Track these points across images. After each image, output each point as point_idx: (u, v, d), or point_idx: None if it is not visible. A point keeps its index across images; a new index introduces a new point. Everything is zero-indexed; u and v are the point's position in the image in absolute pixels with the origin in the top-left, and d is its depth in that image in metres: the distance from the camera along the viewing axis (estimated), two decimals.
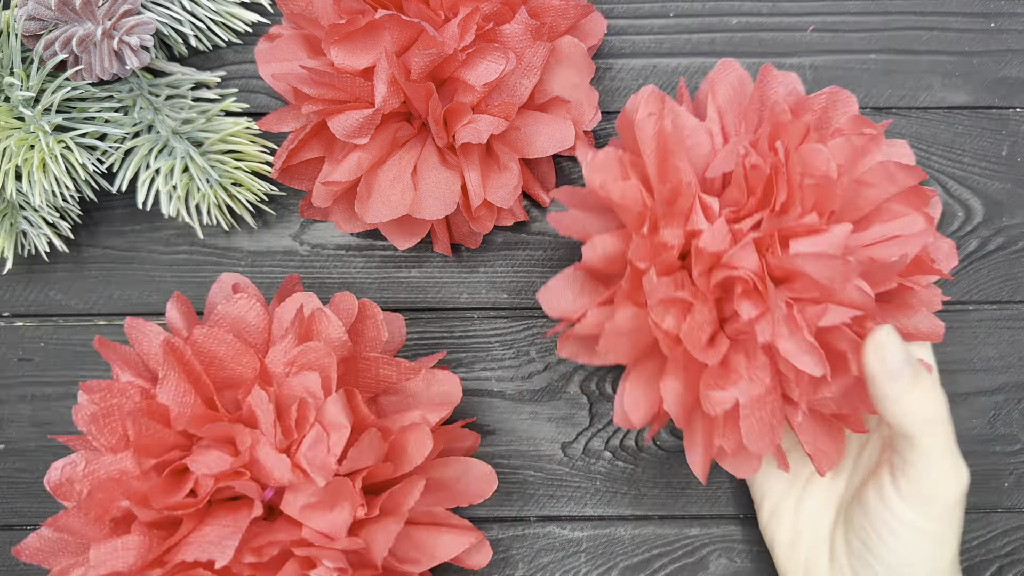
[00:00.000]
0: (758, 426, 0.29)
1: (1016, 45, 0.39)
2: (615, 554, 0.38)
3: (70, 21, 0.33)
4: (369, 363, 0.30)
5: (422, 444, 0.29)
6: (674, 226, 0.28)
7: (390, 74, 0.31)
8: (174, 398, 0.28)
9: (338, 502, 0.27)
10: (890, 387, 0.27)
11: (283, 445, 0.27)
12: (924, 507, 0.28)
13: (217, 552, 0.26)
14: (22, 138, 0.33)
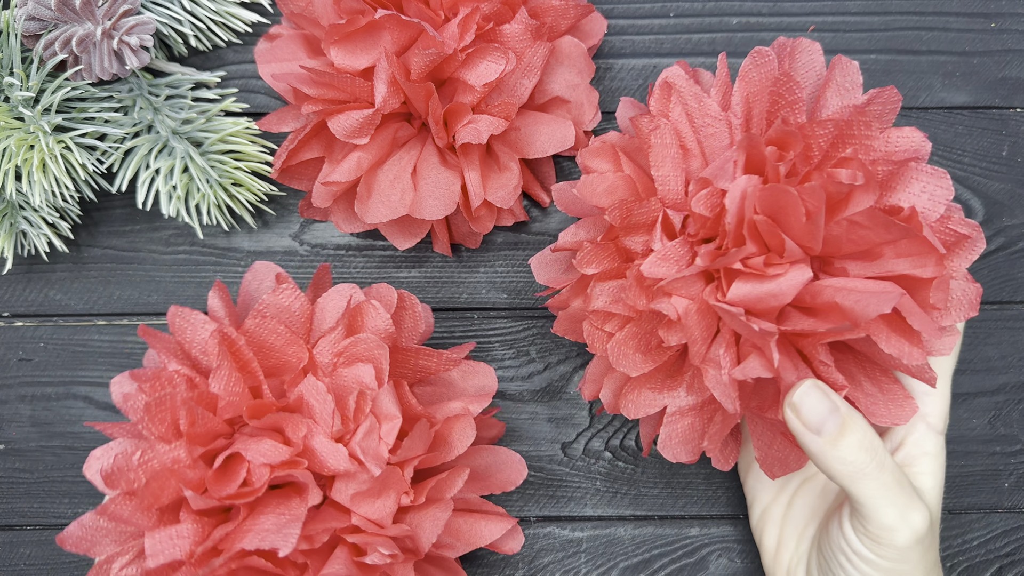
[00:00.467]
0: (682, 433, 0.30)
1: (1016, 45, 0.39)
2: (615, 554, 0.38)
3: (70, 21, 0.33)
4: (408, 354, 0.31)
5: (466, 434, 0.30)
6: (637, 233, 0.28)
7: (390, 74, 0.31)
8: (225, 387, 0.29)
9: (385, 490, 0.28)
10: (813, 444, 0.27)
11: (338, 435, 0.28)
12: (877, 548, 0.28)
13: (280, 541, 0.26)
14: (22, 138, 0.33)
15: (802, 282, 0.26)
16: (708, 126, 0.28)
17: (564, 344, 0.38)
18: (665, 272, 0.27)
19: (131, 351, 0.39)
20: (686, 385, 0.30)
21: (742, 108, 0.29)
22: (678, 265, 0.27)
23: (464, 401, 0.31)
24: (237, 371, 0.29)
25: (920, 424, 0.30)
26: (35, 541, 0.39)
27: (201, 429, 0.28)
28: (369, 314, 0.30)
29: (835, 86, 0.28)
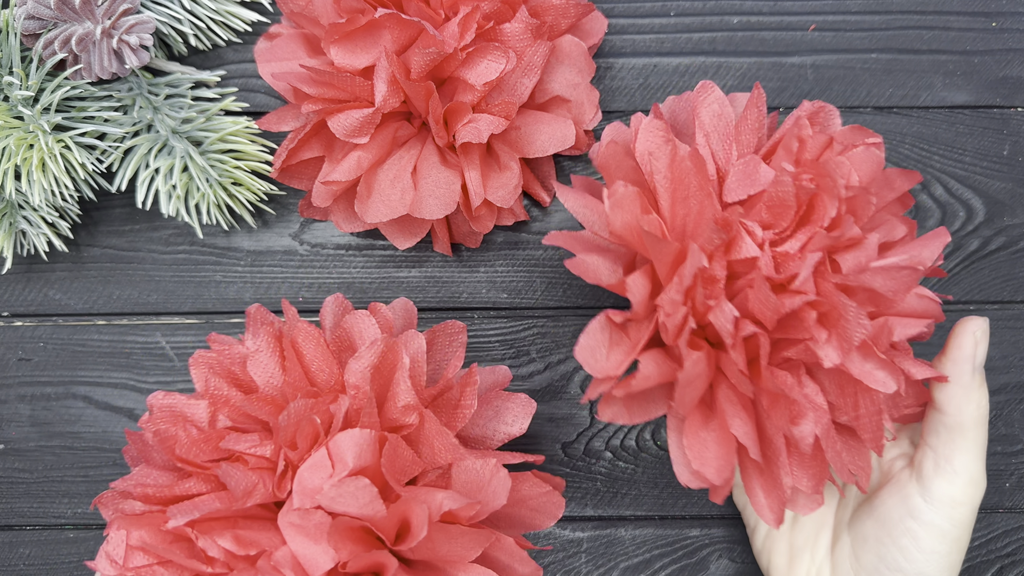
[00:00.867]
0: (835, 457, 0.27)
1: (1018, 45, 0.39)
2: (615, 555, 0.38)
3: (69, 20, 0.33)
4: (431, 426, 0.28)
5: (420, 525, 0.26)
6: (716, 257, 0.27)
7: (390, 73, 0.31)
8: (262, 374, 0.29)
9: (321, 539, 0.26)
10: (969, 375, 0.28)
11: (294, 456, 0.27)
12: (952, 510, 0.28)
13: (177, 512, 0.26)
14: (21, 137, 0.33)
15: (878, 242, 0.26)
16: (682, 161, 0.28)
17: (564, 344, 0.38)
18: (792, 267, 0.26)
19: (131, 351, 0.39)
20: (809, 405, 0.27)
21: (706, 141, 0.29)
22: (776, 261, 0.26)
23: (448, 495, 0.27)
24: (277, 364, 0.29)
25: None
26: (35, 541, 0.38)
27: (223, 398, 0.28)
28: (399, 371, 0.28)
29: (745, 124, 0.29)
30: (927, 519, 0.29)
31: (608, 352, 0.27)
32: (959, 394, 0.28)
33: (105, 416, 0.39)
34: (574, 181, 0.32)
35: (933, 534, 0.29)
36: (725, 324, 0.26)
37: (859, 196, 0.26)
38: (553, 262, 0.39)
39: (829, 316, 0.26)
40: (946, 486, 0.29)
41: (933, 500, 0.29)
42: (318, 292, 0.39)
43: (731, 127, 0.29)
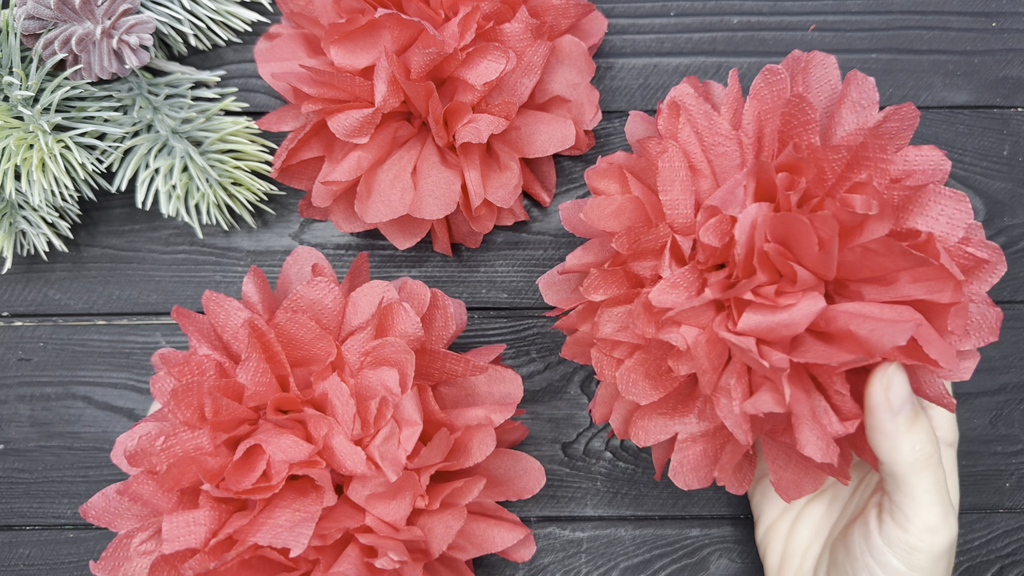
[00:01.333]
0: (693, 460, 0.29)
1: (1017, 45, 0.39)
2: (615, 555, 0.38)
3: (69, 20, 0.33)
4: (436, 356, 0.31)
5: (485, 444, 0.30)
6: (646, 259, 0.28)
7: (390, 73, 0.31)
8: (253, 378, 0.29)
9: (400, 493, 0.28)
10: (889, 422, 0.27)
11: (357, 437, 0.28)
12: (909, 556, 0.27)
13: (292, 540, 0.27)
14: (21, 137, 0.33)
15: (814, 312, 0.25)
16: (718, 145, 0.28)
17: None
18: (674, 301, 0.27)
19: (131, 351, 0.39)
20: (697, 412, 0.29)
21: (753, 127, 0.28)
22: (687, 293, 0.27)
23: (487, 409, 0.31)
24: (265, 362, 0.29)
25: None
26: (35, 541, 0.38)
27: (226, 417, 0.28)
28: (399, 316, 0.30)
29: (850, 103, 0.28)
30: (884, 560, 0.28)
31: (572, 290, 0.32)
32: (885, 443, 0.27)
33: (105, 416, 0.38)
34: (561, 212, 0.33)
35: (891, 574, 0.28)
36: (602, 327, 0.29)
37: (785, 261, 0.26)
38: (553, 262, 0.39)
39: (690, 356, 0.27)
40: (900, 532, 0.28)
41: (890, 543, 0.28)
42: None
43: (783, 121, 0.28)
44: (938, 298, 0.25)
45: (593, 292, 0.29)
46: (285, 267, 0.32)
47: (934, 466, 0.27)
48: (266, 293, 0.32)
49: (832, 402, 0.27)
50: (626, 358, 0.29)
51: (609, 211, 0.28)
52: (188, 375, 0.29)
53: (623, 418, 0.30)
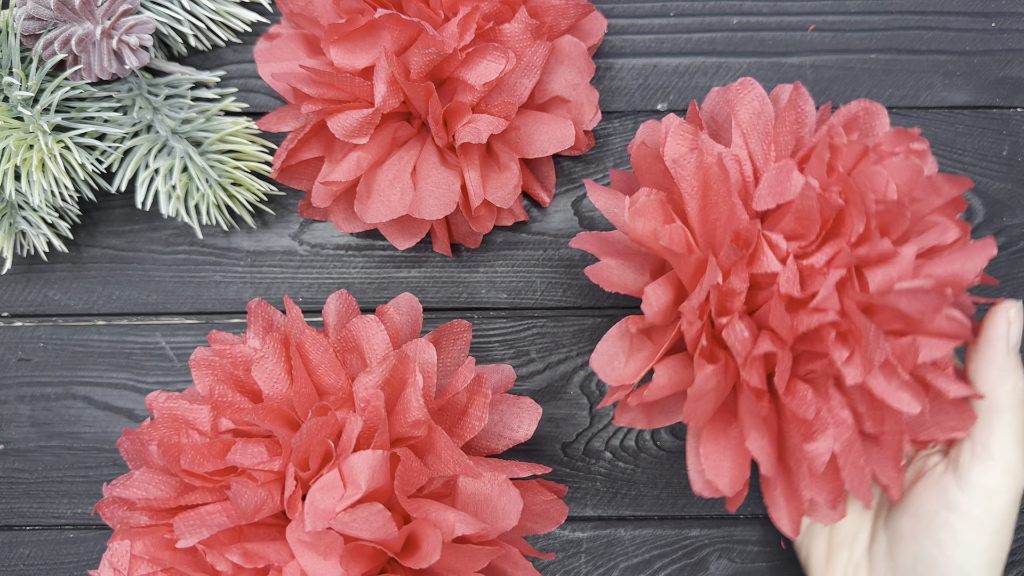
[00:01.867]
0: (856, 472, 0.27)
1: (1017, 45, 0.39)
2: (615, 555, 0.38)
3: (69, 21, 0.33)
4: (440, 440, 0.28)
5: (431, 551, 0.26)
6: (738, 270, 0.26)
7: (390, 73, 0.31)
8: (266, 381, 0.28)
9: (330, 555, 0.26)
10: (1003, 354, 0.27)
11: (303, 475, 0.27)
12: (990, 501, 0.28)
13: (188, 532, 0.26)
14: (21, 138, 0.33)
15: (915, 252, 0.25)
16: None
17: (564, 344, 0.38)
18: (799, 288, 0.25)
19: (131, 351, 0.39)
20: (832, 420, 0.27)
21: (743, 141, 0.28)
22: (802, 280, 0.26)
23: (459, 517, 0.27)
24: (284, 370, 0.29)
25: None
26: (35, 541, 0.39)
27: (228, 405, 0.28)
28: (410, 386, 0.28)
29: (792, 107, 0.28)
30: (964, 510, 0.28)
31: (627, 359, 0.27)
32: (993, 375, 0.27)
33: (105, 416, 0.39)
34: (613, 177, 0.32)
35: (971, 526, 0.28)
36: (735, 343, 0.25)
37: (892, 209, 0.25)
38: (553, 262, 0.39)
39: (851, 335, 0.25)
40: (983, 475, 0.28)
41: (970, 490, 0.28)
42: (318, 292, 0.39)
43: (771, 127, 0.28)
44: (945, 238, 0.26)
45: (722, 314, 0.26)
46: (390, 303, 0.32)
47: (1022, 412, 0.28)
48: (347, 318, 0.31)
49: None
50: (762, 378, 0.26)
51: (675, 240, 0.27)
52: (223, 355, 0.29)
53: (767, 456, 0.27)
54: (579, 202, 0.39)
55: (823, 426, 0.26)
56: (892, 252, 0.25)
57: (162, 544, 0.27)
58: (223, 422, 0.29)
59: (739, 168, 0.28)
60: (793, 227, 0.26)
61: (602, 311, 0.39)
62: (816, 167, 0.26)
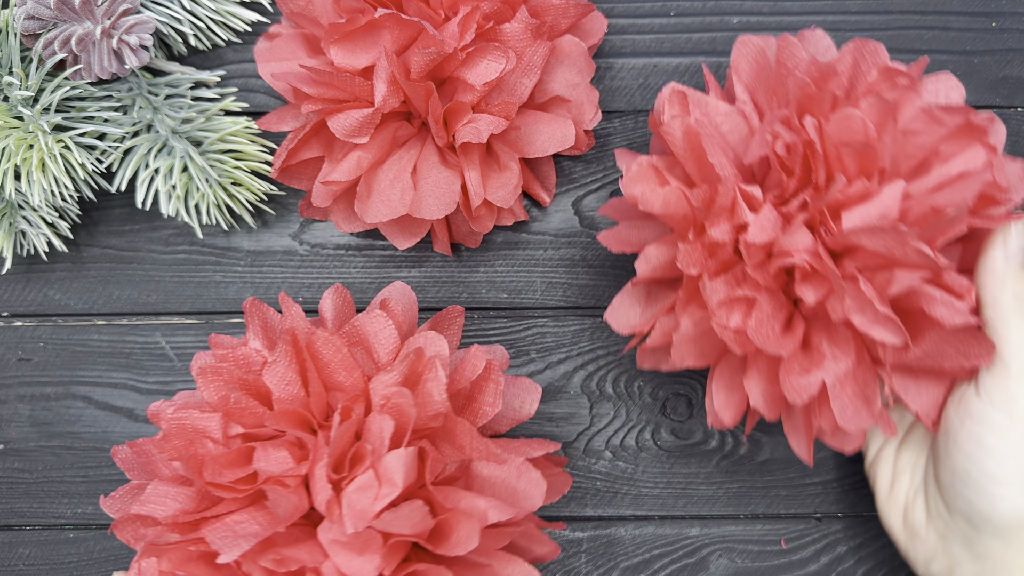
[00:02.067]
0: (851, 403, 0.28)
1: (1017, 45, 0.39)
2: (615, 555, 0.38)
3: (69, 20, 0.33)
4: (462, 430, 0.29)
5: (469, 538, 0.27)
6: (721, 222, 0.28)
7: (390, 73, 0.31)
8: (278, 384, 0.28)
9: (367, 552, 0.26)
10: (1001, 262, 0.28)
11: (335, 476, 0.27)
12: (1011, 405, 0.28)
13: (227, 547, 0.26)
14: (21, 137, 0.33)
15: (900, 192, 0.26)
16: (724, 123, 0.30)
17: (564, 344, 0.38)
18: (772, 232, 0.27)
19: (131, 351, 0.39)
20: (829, 354, 0.29)
21: (748, 95, 0.30)
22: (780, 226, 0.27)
23: (490, 504, 0.27)
24: (296, 372, 0.28)
25: None
26: (35, 541, 0.39)
27: (241, 411, 0.28)
28: (430, 375, 0.28)
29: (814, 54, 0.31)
30: (986, 418, 0.28)
31: (641, 311, 0.31)
32: (994, 283, 0.28)
33: (105, 416, 0.39)
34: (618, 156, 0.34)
35: (995, 433, 0.28)
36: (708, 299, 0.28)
37: (861, 150, 0.26)
38: (553, 262, 0.39)
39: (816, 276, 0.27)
40: (1000, 381, 0.28)
41: (989, 398, 0.28)
42: (318, 292, 0.39)
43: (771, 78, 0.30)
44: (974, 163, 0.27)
45: (690, 266, 0.28)
46: (378, 296, 0.32)
47: None
48: (343, 313, 0.31)
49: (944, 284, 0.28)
50: (746, 319, 0.28)
51: (659, 205, 0.29)
52: (228, 360, 0.29)
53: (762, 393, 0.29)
54: (579, 202, 0.39)
55: (820, 359, 0.28)
56: (866, 192, 0.26)
57: (188, 558, 0.27)
58: (233, 428, 0.28)
59: (746, 121, 0.30)
60: (778, 179, 0.28)
61: (601, 311, 0.39)
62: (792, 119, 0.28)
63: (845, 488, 0.38)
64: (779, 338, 0.28)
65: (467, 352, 0.30)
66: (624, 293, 0.31)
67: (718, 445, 0.38)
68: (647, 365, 0.32)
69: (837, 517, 0.38)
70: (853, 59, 0.29)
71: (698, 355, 0.30)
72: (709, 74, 0.32)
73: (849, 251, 0.28)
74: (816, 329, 0.29)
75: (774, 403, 0.29)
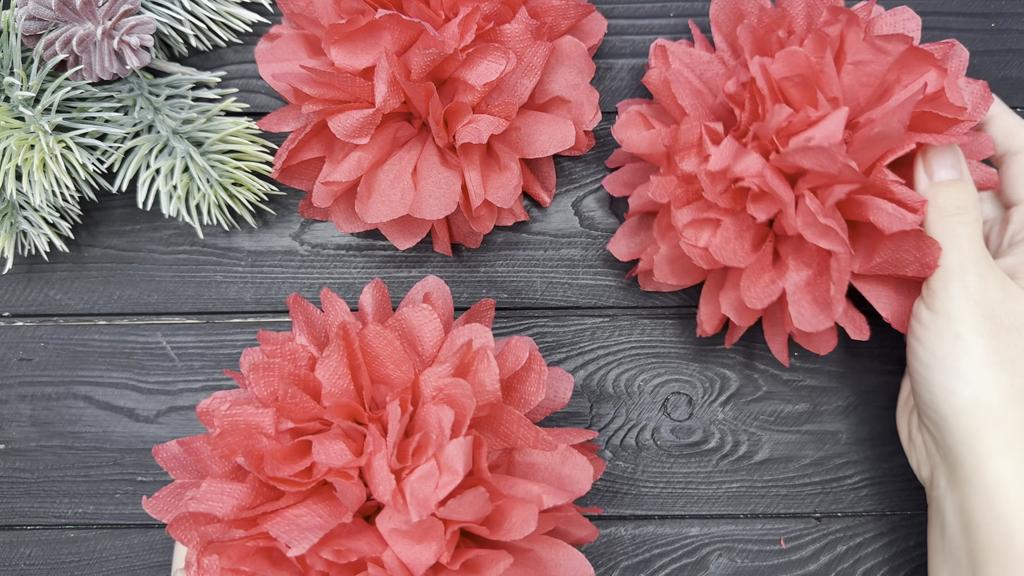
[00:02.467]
0: (810, 308, 0.32)
1: (1017, 45, 0.39)
2: (615, 554, 0.38)
3: (70, 21, 0.33)
4: (510, 418, 0.30)
5: (526, 523, 0.27)
6: (691, 156, 0.31)
7: (390, 74, 0.31)
8: (330, 378, 0.29)
9: (427, 540, 0.27)
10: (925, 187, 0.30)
11: (397, 466, 0.28)
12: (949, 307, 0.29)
13: (296, 540, 0.26)
14: (22, 138, 0.33)
15: (844, 119, 0.29)
16: (705, 70, 0.33)
17: (564, 344, 0.38)
18: (728, 158, 0.30)
19: (131, 351, 0.39)
20: (792, 266, 0.32)
21: (726, 44, 0.34)
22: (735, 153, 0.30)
23: (543, 489, 0.28)
24: (346, 366, 0.29)
25: None
26: (35, 541, 0.39)
27: (295, 406, 0.28)
28: (482, 364, 0.29)
29: None
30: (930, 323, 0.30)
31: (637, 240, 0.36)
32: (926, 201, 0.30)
33: (106, 416, 0.39)
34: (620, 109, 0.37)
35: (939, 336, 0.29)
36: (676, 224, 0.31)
37: (799, 83, 0.30)
38: (553, 262, 0.39)
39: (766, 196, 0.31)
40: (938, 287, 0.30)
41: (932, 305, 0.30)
42: (318, 292, 0.39)
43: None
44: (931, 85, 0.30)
45: (660, 196, 0.31)
46: (412, 290, 0.33)
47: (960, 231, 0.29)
48: (383, 308, 0.32)
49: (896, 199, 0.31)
50: (711, 239, 0.31)
51: (643, 146, 0.33)
52: (278, 356, 0.29)
53: (732, 303, 0.33)
54: (579, 202, 0.39)
55: (783, 269, 0.32)
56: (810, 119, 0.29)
57: (247, 554, 0.27)
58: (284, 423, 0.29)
59: (725, 66, 0.34)
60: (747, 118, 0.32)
61: (601, 311, 0.39)
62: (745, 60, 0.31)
63: (845, 488, 0.38)
64: (742, 253, 0.31)
65: (508, 342, 0.31)
66: (623, 227, 0.36)
67: (718, 445, 0.38)
68: (649, 287, 0.37)
69: (837, 517, 0.38)
70: (805, 3, 0.32)
71: (679, 274, 0.34)
72: (696, 28, 0.36)
73: (801, 174, 0.30)
74: (785, 246, 0.32)
75: (744, 312, 0.33)
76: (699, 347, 0.39)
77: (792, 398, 0.39)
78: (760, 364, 0.39)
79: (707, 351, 0.39)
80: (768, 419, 0.39)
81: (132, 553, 0.39)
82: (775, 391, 0.39)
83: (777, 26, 0.32)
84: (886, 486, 0.38)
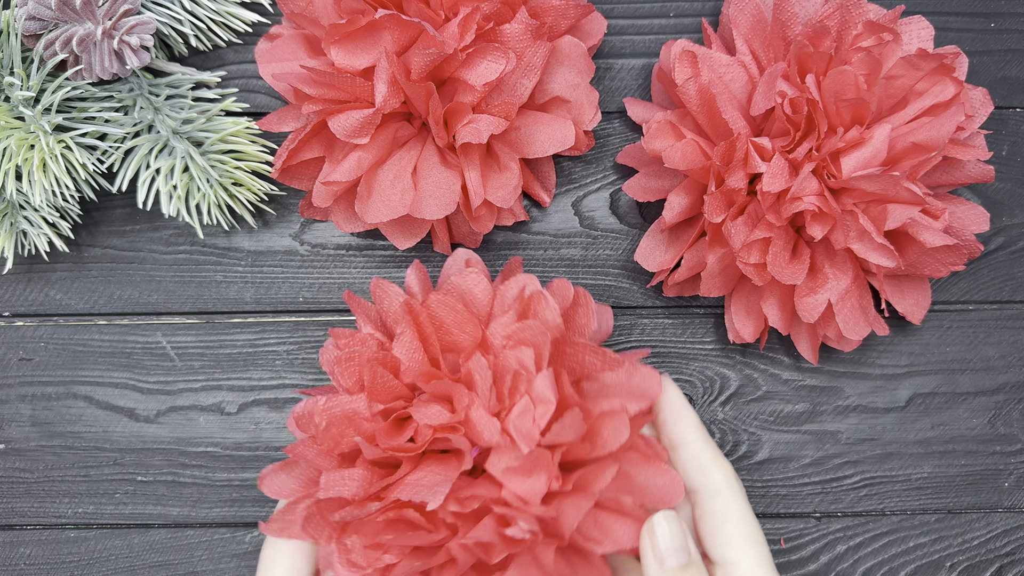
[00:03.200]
0: (852, 314, 0.34)
1: (1016, 45, 0.39)
2: None
3: (70, 21, 0.33)
4: (576, 348, 0.31)
5: (619, 431, 0.29)
6: (736, 172, 0.32)
7: (390, 74, 0.31)
8: (406, 353, 0.30)
9: (536, 470, 0.29)
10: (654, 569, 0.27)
11: (495, 410, 0.29)
12: None
13: (429, 496, 0.28)
14: (22, 138, 0.33)
15: (887, 135, 0.31)
16: (726, 73, 0.34)
17: None
18: (783, 182, 0.32)
19: (131, 351, 0.39)
20: (831, 276, 0.33)
21: (747, 47, 0.34)
22: (788, 173, 0.32)
23: (622, 399, 0.31)
24: (418, 340, 0.31)
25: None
26: (35, 541, 0.39)
27: (381, 386, 0.30)
28: (541, 304, 0.31)
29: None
30: None
31: (665, 249, 0.36)
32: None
33: (106, 416, 0.39)
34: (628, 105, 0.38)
35: None
36: (730, 238, 0.32)
37: (854, 103, 0.31)
38: (553, 262, 0.39)
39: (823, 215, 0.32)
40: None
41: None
42: (319, 292, 0.39)
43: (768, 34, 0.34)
44: (944, 95, 0.32)
45: (715, 215, 0.32)
46: (446, 265, 0.34)
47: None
48: (426, 286, 0.33)
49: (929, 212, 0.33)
50: (764, 256, 0.33)
51: (678, 156, 0.33)
52: (352, 347, 0.31)
53: (779, 313, 0.34)
54: (579, 202, 0.39)
55: (824, 280, 0.33)
56: (860, 139, 0.32)
57: (378, 528, 0.29)
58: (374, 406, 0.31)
59: (746, 70, 0.34)
60: (781, 128, 0.33)
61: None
62: (792, 75, 0.32)
63: (845, 488, 0.38)
64: (791, 267, 0.33)
65: (551, 285, 0.32)
66: (649, 236, 0.36)
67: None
68: (672, 293, 0.37)
69: (836, 516, 0.38)
70: (840, 15, 0.33)
71: (722, 287, 0.35)
72: (709, 28, 0.35)
73: (847, 189, 0.32)
74: (818, 254, 0.34)
75: (787, 321, 0.35)
76: (699, 347, 0.39)
77: (792, 398, 0.39)
78: (760, 364, 0.39)
79: (707, 351, 0.39)
80: (768, 419, 0.39)
81: (132, 553, 0.39)
82: (775, 391, 0.39)
83: (822, 41, 0.32)
84: (886, 486, 0.38)
